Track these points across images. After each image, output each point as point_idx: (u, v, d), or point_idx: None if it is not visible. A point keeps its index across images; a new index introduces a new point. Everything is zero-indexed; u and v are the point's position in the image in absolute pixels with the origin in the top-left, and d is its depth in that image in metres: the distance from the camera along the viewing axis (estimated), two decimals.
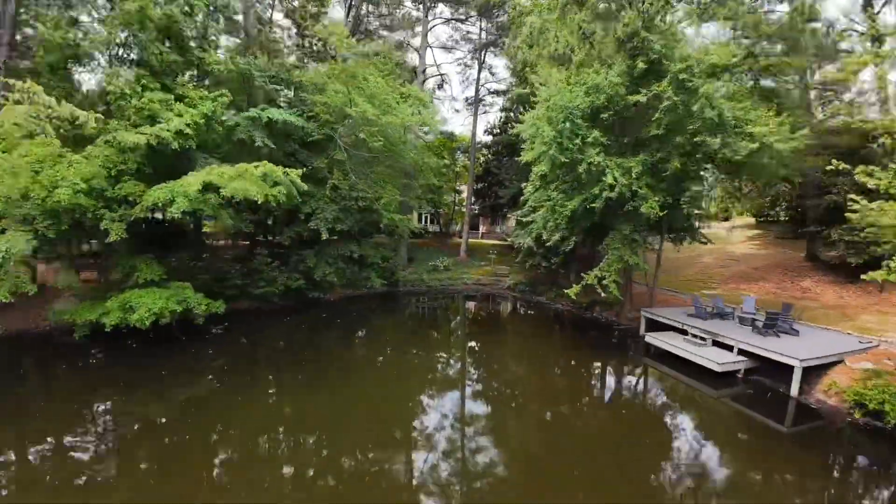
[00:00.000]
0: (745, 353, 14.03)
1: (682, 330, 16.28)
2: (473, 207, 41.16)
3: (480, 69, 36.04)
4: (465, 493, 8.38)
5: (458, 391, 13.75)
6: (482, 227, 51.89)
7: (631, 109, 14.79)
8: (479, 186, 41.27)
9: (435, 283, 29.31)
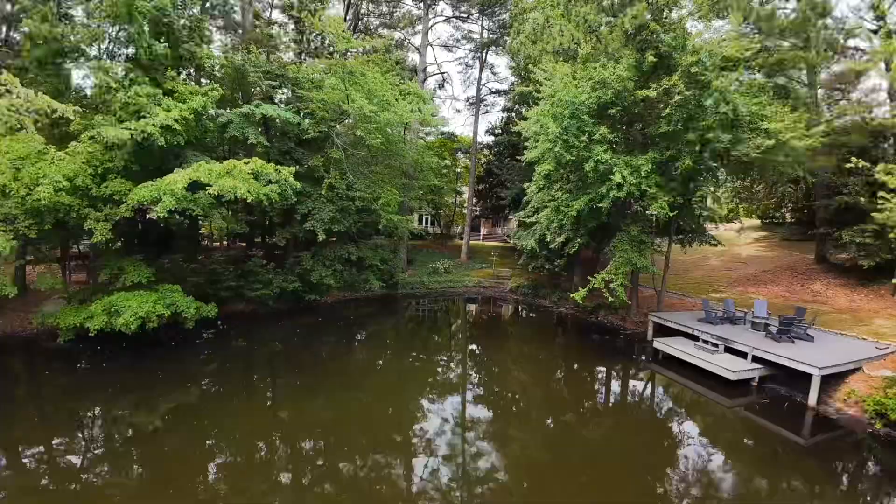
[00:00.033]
0: (759, 360, 13.45)
1: (692, 335, 15.66)
2: (474, 209, 40.62)
3: (482, 68, 35.56)
4: None
5: (458, 400, 13.14)
6: (483, 228, 51.35)
7: (639, 105, 14.17)
8: (480, 187, 40.88)
9: (435, 285, 28.72)
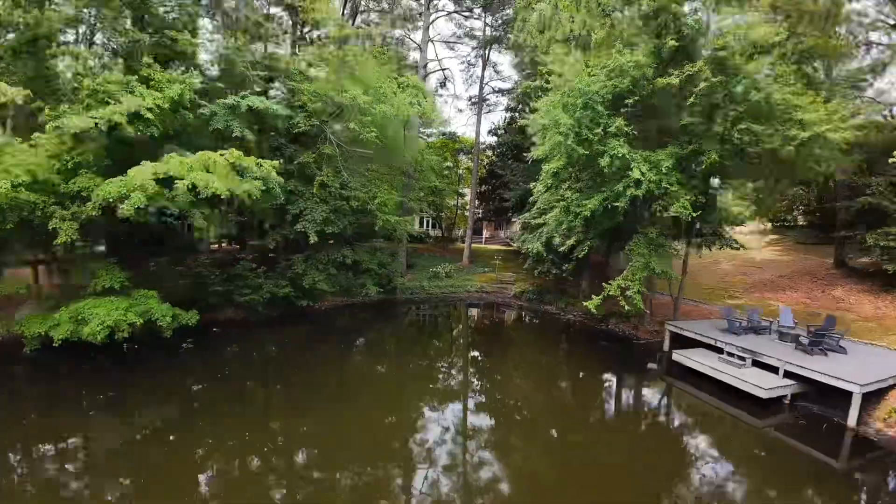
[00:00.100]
0: (790, 374, 12.18)
1: (715, 347, 14.37)
2: (477, 211, 39.44)
3: (485, 66, 34.41)
4: None
5: (460, 418, 11.86)
6: (486, 231, 50.13)
7: (657, 95, 12.94)
8: (482, 189, 39.73)
9: (436, 290, 27.43)
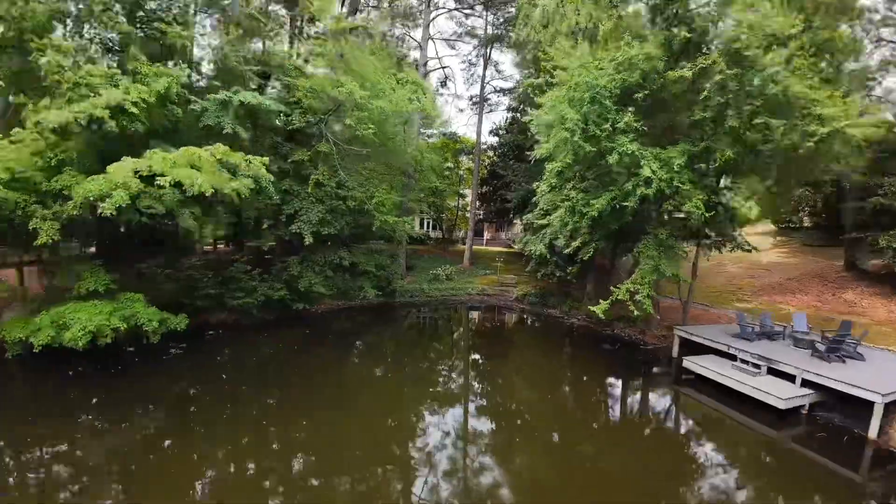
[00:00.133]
0: (807, 383, 11.57)
1: (727, 353, 13.74)
2: (478, 212, 38.83)
3: (486, 66, 33.85)
4: None
5: (461, 423, 11.32)
6: (487, 233, 49.48)
7: (667, 90, 12.35)
8: (483, 190, 39.14)
9: (436, 293, 26.78)
